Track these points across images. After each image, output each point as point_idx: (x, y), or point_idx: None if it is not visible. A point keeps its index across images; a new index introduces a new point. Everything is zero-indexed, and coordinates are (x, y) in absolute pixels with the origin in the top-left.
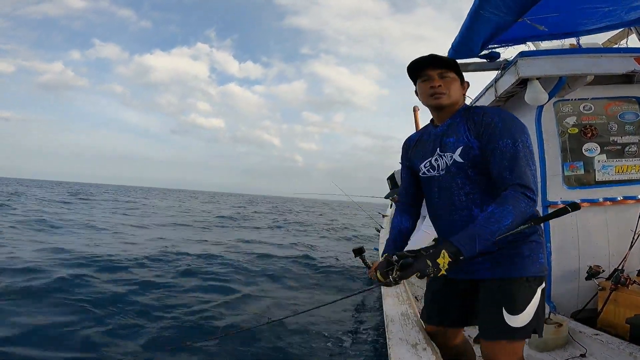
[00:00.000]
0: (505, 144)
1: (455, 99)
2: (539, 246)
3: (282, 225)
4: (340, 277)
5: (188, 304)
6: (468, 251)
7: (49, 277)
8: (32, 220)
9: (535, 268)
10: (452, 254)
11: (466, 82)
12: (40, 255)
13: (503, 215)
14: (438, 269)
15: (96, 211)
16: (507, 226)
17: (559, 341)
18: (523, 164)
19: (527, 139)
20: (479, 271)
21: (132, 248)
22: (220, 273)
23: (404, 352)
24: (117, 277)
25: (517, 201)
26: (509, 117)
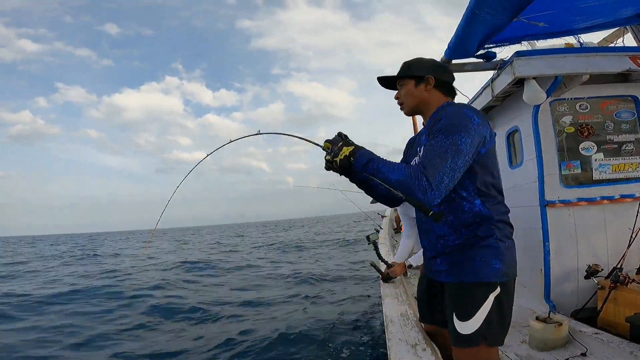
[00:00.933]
0: (435, 138)
1: (413, 102)
2: (496, 251)
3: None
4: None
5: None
6: (358, 161)
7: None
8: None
9: (487, 274)
10: (351, 152)
11: (427, 77)
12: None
13: (397, 171)
14: (336, 153)
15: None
16: (391, 180)
17: (559, 340)
18: (437, 156)
19: (461, 138)
20: (440, 274)
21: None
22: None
23: (404, 352)
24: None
25: (416, 177)
26: (456, 114)
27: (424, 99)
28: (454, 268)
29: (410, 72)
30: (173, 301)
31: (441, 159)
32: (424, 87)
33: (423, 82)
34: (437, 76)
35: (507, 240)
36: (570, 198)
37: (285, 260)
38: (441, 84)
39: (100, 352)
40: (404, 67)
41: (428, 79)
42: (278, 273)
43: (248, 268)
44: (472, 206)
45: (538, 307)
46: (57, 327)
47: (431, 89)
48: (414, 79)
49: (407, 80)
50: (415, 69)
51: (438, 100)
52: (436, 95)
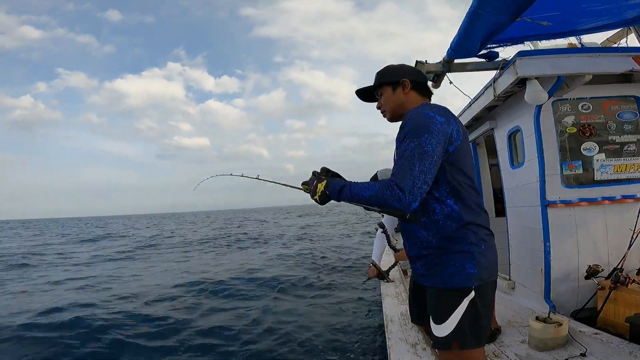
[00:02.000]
0: (403, 145)
1: (393, 107)
2: (468, 256)
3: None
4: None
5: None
6: (332, 193)
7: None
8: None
9: (460, 279)
10: (326, 187)
11: (403, 80)
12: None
13: (369, 188)
14: (314, 192)
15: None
16: (365, 198)
17: (559, 340)
18: (405, 162)
19: (425, 139)
20: (420, 278)
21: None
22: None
23: (404, 351)
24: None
25: (386, 188)
26: (417, 117)
27: (403, 102)
28: (431, 273)
29: (385, 78)
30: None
31: (409, 164)
32: (402, 90)
33: (399, 85)
34: (412, 78)
35: (483, 244)
36: (571, 198)
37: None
38: (417, 85)
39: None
40: (378, 76)
41: (404, 82)
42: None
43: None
44: (444, 207)
45: (538, 307)
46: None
47: (409, 91)
48: (390, 85)
49: (385, 87)
50: (389, 75)
51: (415, 101)
52: (414, 97)
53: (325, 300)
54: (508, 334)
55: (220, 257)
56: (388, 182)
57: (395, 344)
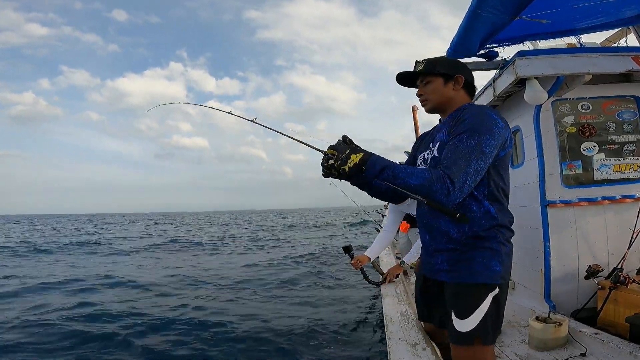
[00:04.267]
0: (460, 139)
1: (440, 99)
2: (496, 254)
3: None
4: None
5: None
6: (370, 169)
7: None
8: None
9: (487, 275)
10: (361, 160)
11: (457, 76)
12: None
13: (418, 175)
14: (345, 162)
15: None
16: (410, 185)
17: (559, 340)
18: (461, 157)
19: (486, 139)
20: (440, 273)
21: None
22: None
23: (404, 351)
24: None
25: (437, 180)
26: (481, 115)
27: (451, 98)
28: (455, 268)
29: (440, 69)
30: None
31: (465, 161)
32: (453, 85)
33: (452, 80)
34: (466, 76)
35: (508, 245)
36: (571, 198)
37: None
38: (467, 84)
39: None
40: (430, 63)
41: (458, 79)
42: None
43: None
44: (481, 207)
45: (538, 307)
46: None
47: (459, 88)
48: (442, 76)
49: (435, 78)
50: (444, 67)
51: (462, 99)
52: (462, 95)
53: (325, 300)
54: (508, 334)
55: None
56: (440, 174)
57: (395, 344)
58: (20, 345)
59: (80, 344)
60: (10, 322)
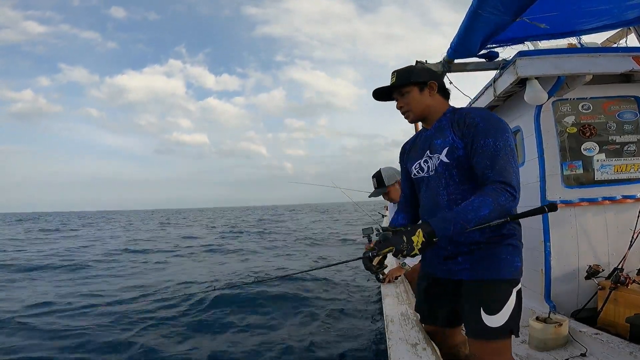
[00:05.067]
0: (487, 143)
1: (421, 108)
2: (516, 250)
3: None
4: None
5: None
6: (442, 234)
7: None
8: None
9: (511, 271)
10: (426, 234)
11: (431, 82)
12: None
13: (482, 205)
14: (412, 246)
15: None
16: (484, 216)
17: (559, 341)
18: (504, 161)
19: (508, 137)
20: (461, 272)
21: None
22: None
23: (404, 352)
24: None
25: (497, 195)
26: (490, 117)
27: (430, 105)
28: (479, 266)
29: (412, 78)
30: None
31: (508, 163)
32: (429, 92)
33: (426, 87)
34: (438, 81)
35: (522, 240)
36: (571, 198)
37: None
38: (441, 88)
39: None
40: (402, 75)
41: (432, 85)
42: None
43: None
44: (515, 207)
45: (538, 307)
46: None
47: (434, 93)
48: (416, 85)
49: (411, 88)
50: (416, 76)
51: (441, 104)
52: (439, 99)
53: (325, 301)
54: None
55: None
56: (498, 188)
57: (396, 344)
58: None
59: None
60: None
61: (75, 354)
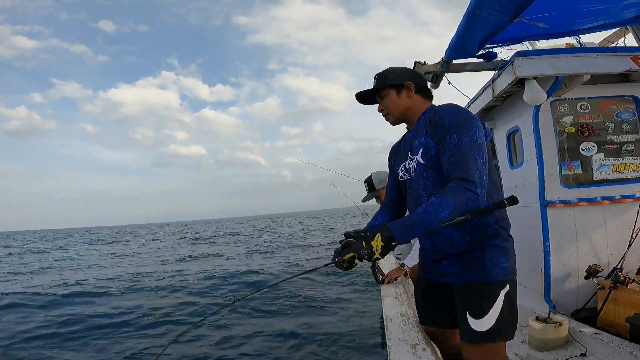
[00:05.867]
0: (452, 140)
1: (399, 109)
2: (503, 251)
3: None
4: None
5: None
6: (401, 237)
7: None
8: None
9: (498, 272)
10: (385, 239)
11: (407, 83)
12: None
13: (441, 206)
14: (372, 251)
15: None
16: (444, 217)
17: (559, 340)
18: (467, 157)
19: (475, 133)
20: (449, 275)
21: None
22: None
23: (404, 352)
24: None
25: (457, 193)
26: (458, 113)
27: (409, 106)
28: (464, 269)
29: (388, 81)
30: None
31: (471, 159)
32: (406, 94)
33: (404, 89)
34: (415, 81)
35: (510, 240)
36: (570, 198)
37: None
38: (420, 88)
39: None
40: (380, 78)
41: (408, 86)
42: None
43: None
44: (478, 204)
45: (538, 307)
46: None
47: (412, 94)
48: (393, 88)
49: (388, 90)
50: (393, 78)
51: (420, 105)
52: (418, 100)
53: (325, 301)
54: None
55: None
56: (457, 186)
57: (395, 344)
58: None
59: None
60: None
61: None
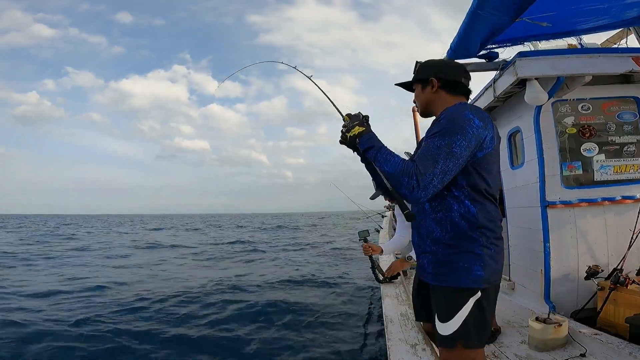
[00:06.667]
0: (432, 141)
1: (423, 104)
2: (478, 258)
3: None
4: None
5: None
6: (361, 144)
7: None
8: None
9: (469, 279)
10: (359, 133)
11: (431, 79)
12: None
13: (392, 164)
14: (348, 128)
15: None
16: (384, 170)
17: (558, 341)
18: (430, 157)
19: (456, 140)
20: (427, 275)
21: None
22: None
23: (404, 352)
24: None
25: (406, 172)
26: (454, 118)
27: (431, 101)
28: (438, 271)
29: (416, 75)
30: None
31: (433, 161)
32: (430, 89)
33: (428, 84)
34: (442, 77)
35: (493, 247)
36: (571, 199)
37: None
38: (447, 84)
39: None
40: (415, 71)
41: (432, 81)
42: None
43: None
44: (461, 206)
45: (538, 307)
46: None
47: (437, 90)
48: (420, 82)
49: (416, 84)
50: (420, 72)
51: (445, 101)
52: (442, 96)
53: (325, 301)
54: (508, 335)
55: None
56: (411, 169)
57: (395, 344)
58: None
59: None
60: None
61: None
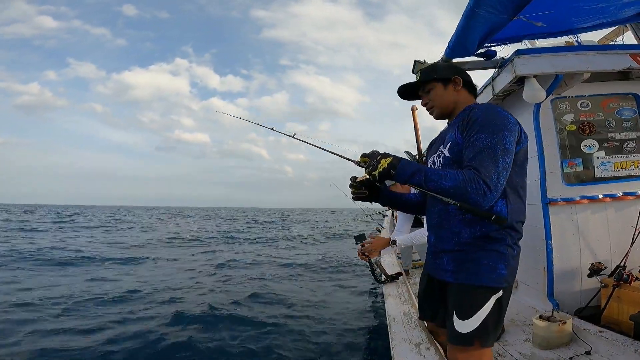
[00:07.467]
0: (478, 138)
1: (445, 103)
2: (502, 257)
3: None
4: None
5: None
6: (400, 173)
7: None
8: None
9: (492, 278)
10: (390, 164)
11: (455, 77)
12: None
13: (451, 177)
14: (375, 167)
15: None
16: (444, 187)
17: (563, 339)
18: (488, 156)
19: (505, 136)
20: (445, 273)
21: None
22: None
23: (407, 351)
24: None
25: (470, 178)
26: (492, 113)
27: (455, 100)
28: (461, 269)
29: (437, 74)
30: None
31: (492, 161)
32: (453, 88)
33: (451, 83)
34: (462, 76)
35: (516, 247)
36: (572, 196)
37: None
38: (466, 83)
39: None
40: (427, 71)
41: (456, 80)
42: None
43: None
44: (494, 206)
45: (541, 305)
46: None
47: (460, 89)
48: (441, 81)
49: (434, 84)
50: (440, 72)
51: (466, 99)
52: (464, 95)
53: (327, 301)
54: (512, 333)
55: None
56: (473, 176)
57: (399, 344)
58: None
59: None
60: None
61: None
